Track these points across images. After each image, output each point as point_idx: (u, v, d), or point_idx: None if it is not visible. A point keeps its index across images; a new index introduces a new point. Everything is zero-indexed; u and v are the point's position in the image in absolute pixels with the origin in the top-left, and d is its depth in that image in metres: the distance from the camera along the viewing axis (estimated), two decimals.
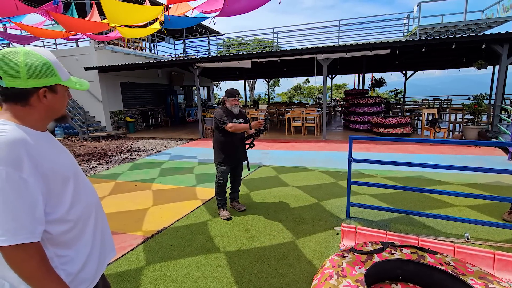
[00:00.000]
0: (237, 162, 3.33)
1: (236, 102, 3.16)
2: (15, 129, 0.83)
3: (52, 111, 0.95)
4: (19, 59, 0.84)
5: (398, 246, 1.89)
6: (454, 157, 5.80)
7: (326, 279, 1.59)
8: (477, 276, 1.54)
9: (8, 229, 0.76)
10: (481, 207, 3.32)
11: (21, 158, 0.79)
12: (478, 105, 7.43)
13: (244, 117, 3.31)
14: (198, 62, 9.23)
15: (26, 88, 0.86)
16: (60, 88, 0.93)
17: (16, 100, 0.87)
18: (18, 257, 0.78)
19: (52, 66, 0.90)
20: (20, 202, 0.78)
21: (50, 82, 0.89)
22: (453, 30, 11.47)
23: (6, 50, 0.85)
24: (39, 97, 0.89)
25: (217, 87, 30.35)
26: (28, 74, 0.85)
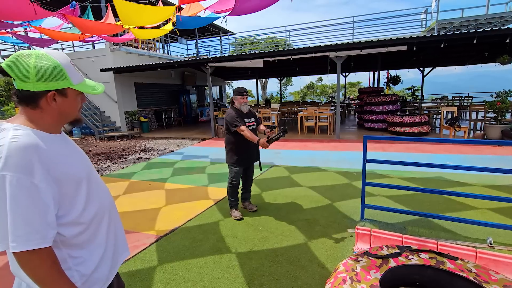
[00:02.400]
0: (250, 163, 3.29)
1: (245, 100, 3.11)
2: (27, 134, 0.83)
3: (63, 115, 0.94)
4: (30, 62, 0.84)
5: (416, 250, 1.81)
6: (476, 157, 5.55)
7: (339, 283, 1.54)
8: (501, 285, 1.45)
9: (19, 235, 0.77)
10: (505, 210, 3.15)
11: (32, 164, 0.80)
12: (502, 102, 7.08)
13: (254, 116, 3.26)
14: (210, 62, 9.28)
15: (35, 91, 0.85)
16: (71, 92, 0.92)
17: (27, 102, 0.87)
18: (31, 262, 0.79)
19: (63, 69, 0.88)
20: (32, 207, 0.78)
21: (59, 85, 0.88)
22: (474, 24, 11.00)
23: (19, 53, 0.86)
24: (48, 101, 0.88)
25: (229, 87, 30.52)
26: (37, 77, 0.84)
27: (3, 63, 0.85)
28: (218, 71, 15.29)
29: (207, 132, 10.66)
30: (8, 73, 0.84)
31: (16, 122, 0.87)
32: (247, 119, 3.11)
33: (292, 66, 12.87)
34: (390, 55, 9.38)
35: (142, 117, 11.60)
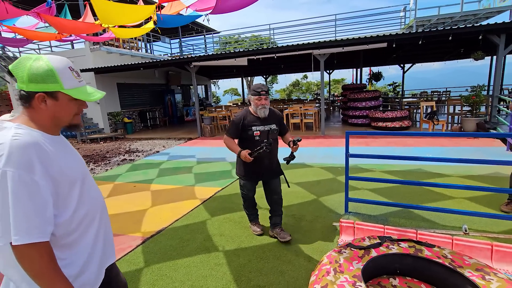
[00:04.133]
0: (264, 177, 2.64)
1: (263, 102, 2.43)
2: (27, 133, 0.87)
3: (56, 118, 0.96)
4: (27, 64, 0.89)
5: (396, 240, 1.89)
6: (453, 149, 5.79)
7: (323, 275, 1.59)
8: (474, 268, 1.54)
9: (21, 229, 0.79)
10: (480, 199, 3.32)
11: (32, 161, 0.83)
12: (476, 96, 7.41)
13: (277, 121, 2.58)
14: (194, 61, 9.19)
15: (28, 91, 0.89)
16: (62, 96, 0.94)
17: (23, 102, 0.92)
18: (29, 256, 0.82)
19: (55, 73, 0.91)
20: (32, 203, 0.81)
21: (49, 88, 0.90)
22: (450, 22, 11.42)
23: (25, 56, 0.92)
24: (38, 102, 0.91)
25: (215, 85, 30.30)
26: (29, 78, 0.88)
27: (10, 66, 0.91)
28: (203, 70, 15.16)
29: (193, 131, 10.56)
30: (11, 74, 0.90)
31: (18, 122, 0.90)
32: (260, 126, 2.48)
33: (277, 64, 12.94)
34: (372, 52, 9.60)
35: (126, 118, 11.34)
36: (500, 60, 6.86)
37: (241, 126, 2.49)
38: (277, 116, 2.61)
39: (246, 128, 2.49)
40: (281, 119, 2.63)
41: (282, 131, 2.65)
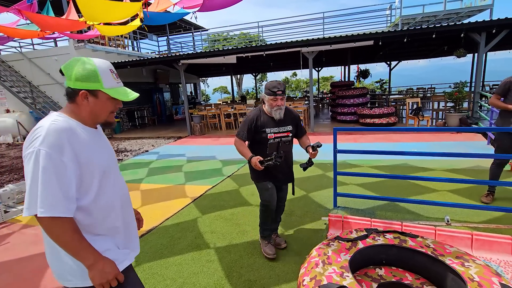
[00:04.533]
0: (280, 181, 2.41)
1: (279, 103, 2.16)
2: (65, 121, 0.99)
3: (94, 114, 1.07)
4: (76, 64, 1.01)
5: (382, 232, 1.95)
6: (437, 144, 5.97)
7: (312, 267, 1.63)
8: (454, 256, 1.62)
9: (46, 202, 0.89)
10: (462, 191, 3.45)
11: (64, 144, 0.94)
12: (459, 92, 7.65)
13: (293, 123, 2.33)
14: (183, 59, 9.11)
15: (74, 88, 1.02)
16: (102, 95, 1.05)
17: (69, 97, 1.04)
18: (55, 229, 0.92)
19: (97, 74, 1.02)
20: (58, 181, 0.91)
21: (91, 86, 1.02)
22: (434, 20, 11.71)
23: (75, 58, 1.04)
24: (81, 98, 1.02)
25: (204, 84, 30.04)
26: (75, 77, 1.00)
27: (62, 66, 1.03)
28: (192, 68, 15.03)
29: (183, 130, 10.47)
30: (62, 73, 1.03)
31: (61, 112, 1.04)
32: (274, 128, 2.24)
33: (266, 62, 12.95)
34: (359, 50, 9.75)
35: None
36: (481, 57, 7.10)
37: (254, 127, 2.23)
38: (294, 117, 2.35)
39: (259, 130, 2.23)
40: (298, 120, 2.37)
41: (298, 133, 2.39)
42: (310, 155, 2.23)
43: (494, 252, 2.13)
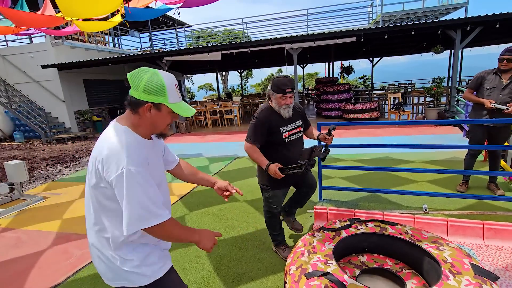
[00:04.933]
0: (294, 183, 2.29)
1: (288, 102, 2.01)
2: (135, 137, 1.05)
3: (153, 126, 1.09)
4: (145, 76, 1.02)
5: (363, 221, 2.04)
6: (417, 137, 6.21)
7: (298, 257, 1.69)
8: (430, 241, 1.72)
9: (153, 213, 0.99)
10: (439, 181, 3.63)
11: (146, 160, 1.03)
12: (437, 87, 7.96)
13: (301, 117, 2.21)
14: (166, 56, 8.96)
15: (139, 99, 1.03)
16: (164, 108, 1.06)
17: (131, 107, 1.05)
18: (165, 232, 1.04)
19: (165, 89, 1.04)
20: (153, 192, 1.01)
21: (157, 100, 1.03)
22: (413, 17, 12.08)
23: (142, 68, 1.06)
24: (144, 110, 1.04)
25: (189, 81, 29.64)
26: (144, 88, 1.02)
27: (128, 74, 1.05)
28: (176, 65, 14.80)
29: None
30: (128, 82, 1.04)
31: (123, 123, 1.06)
32: (287, 126, 2.09)
33: (251, 59, 12.95)
34: (342, 46, 9.92)
35: (95, 117, 10.83)
36: (457, 54, 7.41)
37: (268, 128, 2.04)
38: (301, 111, 2.22)
39: (274, 131, 2.04)
40: (304, 113, 2.26)
41: (305, 126, 2.28)
42: (326, 141, 2.11)
43: (468, 237, 2.27)
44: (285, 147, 2.09)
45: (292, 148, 2.10)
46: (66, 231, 3.07)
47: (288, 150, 2.09)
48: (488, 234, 2.24)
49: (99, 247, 1.09)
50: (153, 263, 1.12)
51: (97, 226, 1.08)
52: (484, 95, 3.06)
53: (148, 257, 1.11)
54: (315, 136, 2.27)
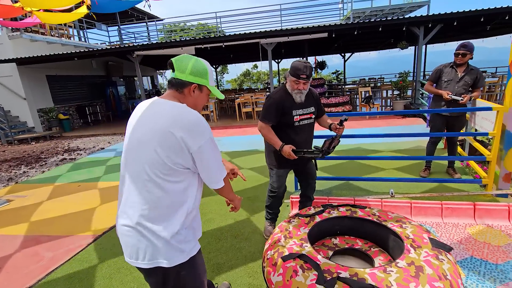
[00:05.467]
0: (301, 165, 2.37)
1: (301, 87, 2.05)
2: None
3: (195, 104, 1.22)
4: (190, 61, 1.17)
5: (336, 206, 2.16)
6: (386, 128, 6.57)
7: (275, 242, 1.76)
8: (394, 220, 1.87)
9: (224, 170, 1.23)
10: (405, 168, 3.89)
11: None
12: (403, 81, 8.43)
13: (316, 104, 2.25)
14: (137, 50, 8.65)
15: (185, 81, 1.16)
16: (205, 90, 1.23)
17: (177, 87, 1.17)
18: (226, 185, 1.27)
19: (207, 73, 1.21)
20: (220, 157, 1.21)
21: (201, 82, 1.19)
22: (381, 14, 12.61)
23: (186, 55, 1.20)
24: (190, 90, 1.18)
25: (162, 77, 28.75)
26: (191, 71, 1.16)
27: (172, 59, 1.18)
28: (148, 60, 14.31)
29: None
30: (172, 65, 1.16)
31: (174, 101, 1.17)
32: (299, 110, 2.14)
33: (226, 54, 12.84)
34: (316, 42, 10.16)
35: (61, 115, 10.21)
36: (420, 49, 7.88)
37: (282, 109, 2.08)
38: (315, 98, 2.23)
39: (287, 112, 2.09)
40: (319, 100, 2.28)
41: (319, 113, 2.31)
42: (337, 132, 2.13)
43: (428, 216, 2.49)
44: (294, 130, 2.14)
45: (301, 133, 2.16)
46: (35, 234, 2.93)
47: (297, 134, 2.14)
48: (446, 213, 2.46)
49: (147, 224, 1.08)
50: (190, 240, 1.19)
51: (148, 204, 1.08)
52: (442, 87, 3.32)
53: (188, 235, 1.18)
54: (327, 125, 2.28)
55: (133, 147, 1.12)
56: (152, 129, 1.07)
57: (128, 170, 1.13)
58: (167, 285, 1.16)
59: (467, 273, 1.78)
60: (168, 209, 1.11)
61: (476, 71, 3.18)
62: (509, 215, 2.34)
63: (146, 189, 1.08)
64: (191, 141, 1.06)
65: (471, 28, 9.79)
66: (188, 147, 1.06)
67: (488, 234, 2.18)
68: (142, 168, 1.08)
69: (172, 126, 1.05)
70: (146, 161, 1.07)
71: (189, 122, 1.07)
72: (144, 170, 1.07)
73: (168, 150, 1.05)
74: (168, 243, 1.10)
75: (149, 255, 1.09)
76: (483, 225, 2.31)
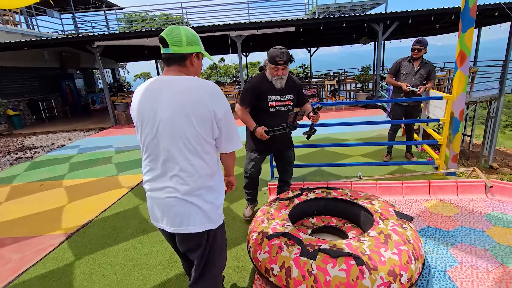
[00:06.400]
0: (276, 151, 2.49)
1: (280, 73, 2.11)
2: None
3: (197, 73, 1.25)
4: (181, 32, 1.16)
5: (312, 189, 2.32)
6: (350, 119, 6.99)
7: (259, 224, 1.86)
8: (364, 198, 2.07)
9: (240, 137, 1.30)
10: (369, 154, 4.22)
11: None
12: (365, 75, 8.98)
13: (295, 91, 2.30)
14: (98, 40, 8.10)
15: (185, 53, 1.17)
16: (201, 56, 1.25)
17: (178, 62, 1.18)
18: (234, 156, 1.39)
19: (198, 38, 1.22)
20: None
21: (198, 50, 1.21)
22: (344, 10, 13.16)
23: (171, 26, 1.17)
24: (191, 60, 1.20)
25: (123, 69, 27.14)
26: (187, 42, 1.17)
27: (162, 33, 1.16)
28: (108, 51, 13.42)
29: (105, 120, 9.48)
30: (165, 41, 1.14)
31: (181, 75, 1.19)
32: (276, 96, 2.21)
33: None
34: (283, 36, 10.35)
35: (10, 110, 9.24)
36: (380, 45, 8.43)
37: (257, 93, 2.17)
38: (296, 85, 2.30)
39: (262, 97, 2.18)
40: (300, 88, 2.34)
41: (300, 102, 2.36)
42: (312, 120, 2.19)
43: (392, 195, 2.76)
44: (269, 115, 2.24)
45: (276, 118, 2.23)
46: None
47: (272, 119, 2.22)
48: (406, 191, 2.76)
49: (195, 193, 1.18)
50: (222, 205, 1.33)
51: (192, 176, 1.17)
52: (401, 80, 3.64)
53: (222, 200, 1.33)
54: (306, 114, 2.29)
55: (166, 127, 1.13)
56: (181, 105, 1.11)
57: (164, 148, 1.15)
58: (207, 246, 1.28)
59: (425, 240, 2.04)
60: (209, 178, 1.22)
61: (429, 64, 3.54)
62: (457, 190, 2.69)
63: (188, 162, 1.16)
64: (218, 109, 1.14)
65: (423, 26, 10.68)
66: (216, 115, 1.15)
67: (440, 206, 2.49)
68: (183, 143, 1.14)
69: (201, 98, 1.12)
70: (186, 135, 1.13)
71: (213, 93, 1.15)
72: (184, 144, 1.14)
73: (201, 122, 1.13)
74: (213, 207, 1.24)
75: (199, 220, 1.20)
76: (436, 199, 2.63)
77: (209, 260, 1.29)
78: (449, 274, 1.71)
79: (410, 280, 1.44)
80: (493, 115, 8.83)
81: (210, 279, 1.31)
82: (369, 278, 1.37)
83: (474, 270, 1.73)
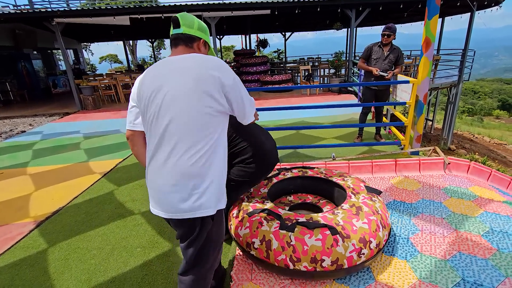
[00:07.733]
0: None
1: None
2: None
3: None
4: (194, 18, 1.26)
5: (289, 169, 2.41)
6: (324, 103, 7.19)
7: (239, 203, 1.92)
8: (338, 176, 2.20)
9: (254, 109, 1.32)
10: (342, 137, 4.42)
11: None
12: (338, 60, 9.19)
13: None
14: (58, 17, 7.42)
15: (194, 35, 1.24)
16: (208, 46, 1.32)
17: (186, 42, 1.23)
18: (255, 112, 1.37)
19: (208, 31, 1.31)
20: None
21: (206, 38, 1.29)
22: None
23: (187, 13, 1.25)
24: (199, 45, 1.26)
25: (87, 51, 25.24)
26: (198, 27, 1.25)
27: (176, 14, 1.23)
28: (70, 30, 12.35)
29: (70, 105, 8.88)
30: (177, 21, 1.21)
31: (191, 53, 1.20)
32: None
33: (164, 27, 11.93)
34: (258, 19, 10.18)
35: None
36: (352, 31, 8.62)
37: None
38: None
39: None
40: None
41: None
42: None
43: (362, 173, 2.95)
44: None
45: None
46: None
47: None
48: (375, 169, 2.96)
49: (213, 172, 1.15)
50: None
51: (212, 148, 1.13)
52: (372, 64, 3.80)
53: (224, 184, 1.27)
54: None
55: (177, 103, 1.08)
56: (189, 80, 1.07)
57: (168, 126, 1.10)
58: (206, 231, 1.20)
59: (391, 212, 2.23)
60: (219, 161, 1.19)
61: (398, 50, 3.72)
62: (419, 167, 2.93)
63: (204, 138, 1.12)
64: (225, 77, 1.13)
65: (392, 14, 11.05)
66: (224, 84, 1.12)
67: (405, 182, 2.72)
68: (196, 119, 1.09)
69: (208, 69, 1.10)
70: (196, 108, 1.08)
71: (218, 64, 1.15)
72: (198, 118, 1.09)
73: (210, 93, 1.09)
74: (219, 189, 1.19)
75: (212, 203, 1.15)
76: (401, 176, 2.86)
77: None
78: (412, 240, 1.90)
79: (378, 246, 1.59)
80: (452, 100, 9.55)
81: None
82: (343, 245, 1.49)
83: (432, 236, 1.94)
